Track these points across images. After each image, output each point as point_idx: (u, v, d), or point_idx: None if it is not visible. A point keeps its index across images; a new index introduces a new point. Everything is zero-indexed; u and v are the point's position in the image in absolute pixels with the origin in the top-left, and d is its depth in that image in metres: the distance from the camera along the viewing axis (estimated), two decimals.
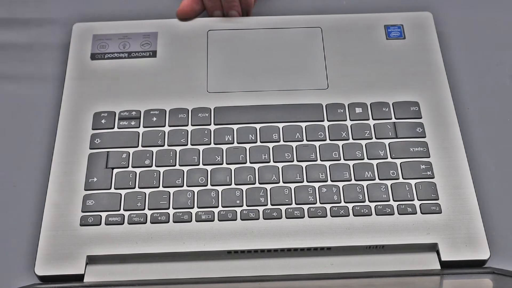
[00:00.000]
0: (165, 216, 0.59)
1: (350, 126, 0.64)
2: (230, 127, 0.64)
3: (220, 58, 0.68)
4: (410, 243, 0.58)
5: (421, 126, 0.64)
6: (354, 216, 0.59)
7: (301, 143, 0.63)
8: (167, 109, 0.65)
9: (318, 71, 0.67)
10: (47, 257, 0.57)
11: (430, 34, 0.70)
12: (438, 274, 0.57)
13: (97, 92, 0.66)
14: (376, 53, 0.68)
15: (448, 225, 0.59)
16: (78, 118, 0.64)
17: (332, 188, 0.60)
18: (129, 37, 0.70)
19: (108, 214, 0.59)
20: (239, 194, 0.60)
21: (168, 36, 0.70)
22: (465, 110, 0.67)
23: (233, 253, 0.58)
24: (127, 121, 0.64)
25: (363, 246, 0.58)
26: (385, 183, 0.61)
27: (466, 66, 0.70)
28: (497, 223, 0.61)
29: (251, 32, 0.70)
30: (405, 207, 0.59)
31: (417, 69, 0.67)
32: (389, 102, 0.65)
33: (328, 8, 0.74)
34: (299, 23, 0.70)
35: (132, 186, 0.61)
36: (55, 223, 0.59)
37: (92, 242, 0.58)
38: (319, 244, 0.58)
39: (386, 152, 0.62)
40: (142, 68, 0.68)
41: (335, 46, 0.69)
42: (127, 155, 0.62)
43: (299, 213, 0.59)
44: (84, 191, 0.60)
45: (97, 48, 0.69)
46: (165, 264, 0.58)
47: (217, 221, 0.59)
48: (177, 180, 0.61)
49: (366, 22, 0.70)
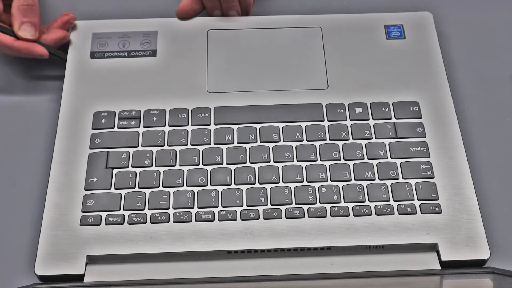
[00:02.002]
0: (165, 216, 0.59)
1: (350, 126, 0.64)
2: (230, 127, 0.64)
3: (220, 58, 0.68)
4: (410, 243, 0.58)
5: (421, 126, 0.64)
6: (354, 216, 0.59)
7: (301, 143, 0.63)
8: (167, 109, 0.65)
9: (318, 71, 0.67)
10: (47, 257, 0.57)
11: (430, 34, 0.70)
12: (438, 274, 0.57)
13: (97, 91, 0.66)
14: (376, 53, 0.68)
15: (448, 225, 0.59)
16: (78, 118, 0.64)
17: (332, 188, 0.60)
18: (129, 36, 0.70)
19: (108, 214, 0.59)
20: (239, 194, 0.60)
21: (168, 35, 0.70)
22: (465, 110, 0.67)
23: (233, 253, 0.58)
24: (127, 121, 0.64)
25: (363, 246, 0.58)
26: (385, 183, 0.61)
27: (466, 66, 0.70)
28: (497, 223, 0.61)
29: (251, 31, 0.70)
30: (405, 207, 0.59)
31: (417, 69, 0.67)
32: (389, 102, 0.65)
33: (328, 8, 0.74)
34: (299, 23, 0.70)
35: (132, 186, 0.61)
36: (55, 223, 0.59)
37: (92, 242, 0.58)
38: (319, 244, 0.58)
39: (386, 152, 0.62)
40: (142, 67, 0.68)
41: (335, 46, 0.69)
42: (127, 155, 0.62)
43: (299, 213, 0.59)
44: (84, 191, 0.60)
45: (96, 46, 0.69)
46: (165, 264, 0.58)
47: (217, 221, 0.59)
48: (177, 180, 0.61)
49: (366, 22, 0.70)
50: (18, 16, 0.66)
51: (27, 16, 0.66)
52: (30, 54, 0.67)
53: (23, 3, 0.66)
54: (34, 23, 0.67)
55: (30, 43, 0.66)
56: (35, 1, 0.67)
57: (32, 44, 0.66)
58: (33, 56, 0.67)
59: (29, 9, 0.67)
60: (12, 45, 0.66)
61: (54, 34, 0.68)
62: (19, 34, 0.66)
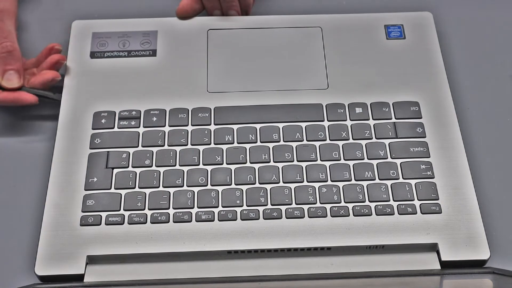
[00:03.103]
0: (165, 216, 0.59)
1: (350, 126, 0.64)
2: (230, 127, 0.64)
3: (220, 58, 0.68)
4: (410, 243, 0.58)
5: (421, 126, 0.64)
6: (354, 216, 0.59)
7: (301, 143, 0.63)
8: (167, 109, 0.65)
9: (318, 71, 0.67)
10: (47, 257, 0.57)
11: (430, 34, 0.70)
12: (438, 274, 0.57)
13: (97, 91, 0.66)
14: (376, 53, 0.68)
15: (448, 225, 0.59)
16: (78, 118, 0.64)
17: (332, 188, 0.60)
18: (129, 35, 0.70)
19: (108, 214, 0.59)
20: (239, 194, 0.60)
21: (168, 35, 0.70)
22: (465, 110, 0.67)
23: (233, 253, 0.58)
24: (127, 121, 0.64)
25: (363, 246, 0.58)
26: (385, 183, 0.61)
27: (466, 66, 0.70)
28: (497, 223, 0.61)
29: (251, 31, 0.70)
30: (405, 207, 0.60)
31: (417, 69, 0.67)
32: (389, 102, 0.65)
33: (328, 8, 0.74)
34: (299, 23, 0.70)
35: (132, 186, 0.61)
36: (55, 223, 0.59)
37: (92, 242, 0.58)
38: (319, 244, 0.58)
39: (386, 152, 0.62)
40: (142, 67, 0.68)
41: (335, 46, 0.69)
42: (127, 155, 0.62)
43: (299, 213, 0.59)
44: (84, 191, 0.60)
45: (96, 46, 0.69)
46: (165, 264, 0.58)
47: (217, 221, 0.59)
48: (177, 180, 0.61)
49: (366, 22, 0.70)
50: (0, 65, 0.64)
51: (8, 64, 0.64)
52: (18, 103, 0.64)
53: (3, 51, 0.64)
54: (17, 69, 0.64)
55: (16, 92, 0.64)
56: (14, 46, 0.65)
57: (18, 93, 0.64)
58: (21, 105, 0.64)
59: (9, 56, 0.64)
60: None
61: (42, 76, 0.65)
62: (3, 84, 0.64)
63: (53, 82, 0.65)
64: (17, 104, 0.64)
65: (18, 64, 0.65)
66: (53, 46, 0.67)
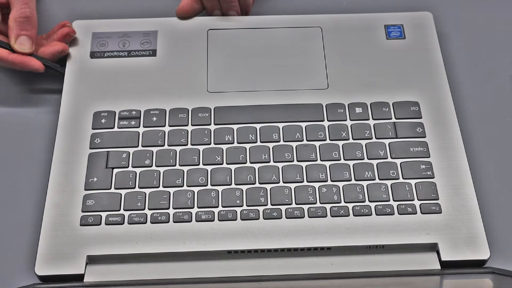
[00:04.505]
0: (165, 216, 0.59)
1: (350, 126, 0.64)
2: (230, 127, 0.64)
3: (220, 58, 0.68)
4: (410, 243, 0.58)
5: (421, 126, 0.64)
6: (354, 216, 0.59)
7: (301, 143, 0.63)
8: (167, 109, 0.65)
9: (318, 71, 0.67)
10: (47, 257, 0.57)
11: (430, 34, 0.70)
12: (438, 274, 0.57)
13: (97, 91, 0.66)
14: (376, 53, 0.68)
15: (448, 225, 0.59)
16: (78, 118, 0.64)
17: (332, 188, 0.60)
18: (129, 35, 0.70)
19: (108, 214, 0.59)
20: (239, 194, 0.60)
21: (168, 34, 0.70)
22: (465, 110, 0.67)
23: (233, 253, 0.58)
24: (127, 120, 0.64)
25: (363, 246, 0.58)
26: (385, 183, 0.61)
27: (466, 66, 0.70)
28: (497, 223, 0.61)
29: (251, 31, 0.70)
30: (405, 207, 0.60)
31: (417, 69, 0.67)
32: (389, 102, 0.65)
33: (328, 8, 0.74)
34: (299, 23, 0.70)
35: (132, 186, 0.61)
36: (55, 223, 0.59)
37: (92, 242, 0.58)
38: (319, 244, 0.58)
39: (386, 152, 0.62)
40: (142, 67, 0.68)
41: (335, 46, 0.69)
42: (127, 155, 0.62)
43: (299, 213, 0.59)
44: (84, 191, 0.60)
45: (96, 46, 0.69)
46: (165, 264, 0.58)
47: (217, 221, 0.59)
48: (177, 180, 0.61)
49: (366, 22, 0.70)
50: (15, 28, 0.65)
51: (24, 29, 0.65)
52: (25, 67, 0.66)
53: (20, 15, 0.65)
54: (30, 36, 0.66)
55: (25, 56, 0.65)
56: (32, 13, 0.66)
57: (27, 58, 0.65)
58: (28, 69, 0.66)
59: (26, 21, 0.65)
60: (7, 58, 0.65)
61: (52, 47, 0.67)
62: (15, 47, 0.65)
63: (62, 54, 0.68)
64: (24, 68, 0.66)
65: (33, 31, 0.66)
66: (65, 23, 0.69)
